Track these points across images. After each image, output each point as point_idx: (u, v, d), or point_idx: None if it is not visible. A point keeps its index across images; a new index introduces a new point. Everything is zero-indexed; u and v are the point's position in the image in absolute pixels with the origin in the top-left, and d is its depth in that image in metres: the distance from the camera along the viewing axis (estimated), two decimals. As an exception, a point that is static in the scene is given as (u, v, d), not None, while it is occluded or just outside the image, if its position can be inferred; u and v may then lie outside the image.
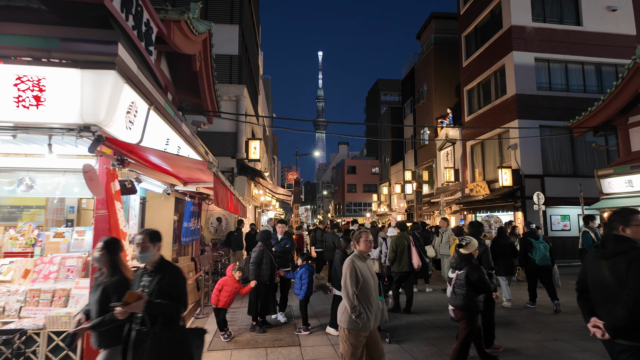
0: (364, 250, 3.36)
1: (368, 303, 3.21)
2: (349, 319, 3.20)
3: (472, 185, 16.56)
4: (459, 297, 4.02)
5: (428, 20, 23.62)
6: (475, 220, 5.48)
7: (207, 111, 8.60)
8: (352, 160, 53.64)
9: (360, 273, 3.22)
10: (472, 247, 4.08)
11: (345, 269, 3.25)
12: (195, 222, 7.27)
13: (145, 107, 3.66)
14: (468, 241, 4.09)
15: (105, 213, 3.29)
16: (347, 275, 3.20)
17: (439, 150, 20.74)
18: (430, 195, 21.65)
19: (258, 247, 5.56)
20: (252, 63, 16.72)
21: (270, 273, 5.54)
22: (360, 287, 3.19)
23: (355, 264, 3.25)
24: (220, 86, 12.62)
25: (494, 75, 16.15)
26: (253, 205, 17.78)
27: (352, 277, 3.19)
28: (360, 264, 3.28)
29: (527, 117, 14.20)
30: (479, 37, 17.45)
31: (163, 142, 4.39)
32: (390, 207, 29.26)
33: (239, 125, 12.59)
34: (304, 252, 8.60)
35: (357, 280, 3.19)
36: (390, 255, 7.00)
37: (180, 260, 6.86)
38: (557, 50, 14.87)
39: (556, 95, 14.70)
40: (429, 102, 22.44)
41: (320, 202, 76.43)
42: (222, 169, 12.41)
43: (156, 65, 7.08)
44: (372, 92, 63.63)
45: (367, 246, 3.35)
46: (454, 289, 4.10)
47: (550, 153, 14.55)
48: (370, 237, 3.42)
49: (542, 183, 14.05)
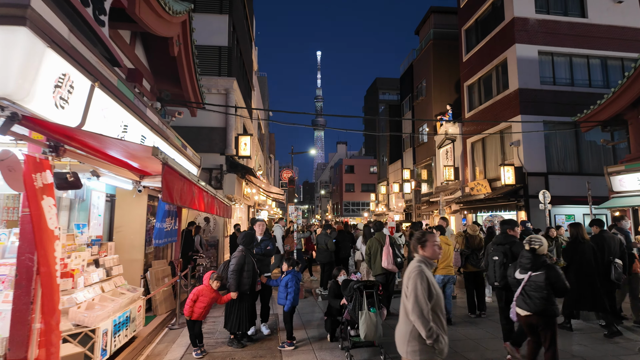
0: (430, 257, 2.72)
1: (441, 323, 2.56)
2: (422, 348, 2.49)
3: (473, 183, 15.95)
4: (536, 302, 3.54)
5: (427, 15, 23.00)
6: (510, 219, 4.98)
7: (189, 102, 7.96)
8: (350, 160, 53.02)
9: (432, 285, 2.59)
10: (545, 247, 3.75)
11: (415, 279, 2.55)
12: (173, 222, 6.62)
13: (86, 83, 3.02)
14: (540, 242, 3.72)
15: (27, 212, 2.65)
16: (417, 288, 2.51)
17: (439, 148, 20.13)
18: (429, 195, 21.03)
19: (239, 252, 4.91)
20: (245, 57, 16.08)
21: (252, 281, 4.90)
22: (433, 303, 2.54)
23: (425, 273, 2.58)
24: (209, 79, 12.00)
25: (495, 70, 15.55)
26: (246, 205, 17.14)
27: (424, 291, 2.50)
28: (430, 274, 2.65)
29: (530, 112, 13.60)
30: (480, 30, 16.84)
31: (119, 129, 3.76)
32: (389, 207, 28.65)
33: (228, 120, 11.95)
34: (290, 256, 7.95)
35: (429, 293, 2.53)
36: (365, 258, 6.85)
37: (154, 265, 6.22)
38: (562, 43, 14.27)
39: (560, 90, 14.09)
40: (428, 98, 21.83)
41: (319, 201, 75.79)
42: (211, 166, 11.78)
43: (129, 48, 6.44)
44: (370, 91, 63.09)
45: (435, 252, 2.73)
46: (526, 292, 3.63)
47: (555, 150, 13.94)
48: (439, 240, 2.83)
49: (546, 181, 13.45)
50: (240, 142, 12.09)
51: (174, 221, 6.71)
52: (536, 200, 13.30)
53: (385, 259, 6.47)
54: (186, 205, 3.32)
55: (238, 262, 4.78)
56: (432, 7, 22.44)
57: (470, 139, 17.09)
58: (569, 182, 13.42)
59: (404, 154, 26.53)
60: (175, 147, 5.68)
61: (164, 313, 5.98)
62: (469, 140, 17.21)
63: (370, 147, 59.43)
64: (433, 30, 21.94)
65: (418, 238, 2.79)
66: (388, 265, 6.46)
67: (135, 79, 6.38)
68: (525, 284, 3.66)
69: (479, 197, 15.10)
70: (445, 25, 22.23)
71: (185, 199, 3.22)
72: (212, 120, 11.97)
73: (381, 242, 6.70)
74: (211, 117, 11.96)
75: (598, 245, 5.67)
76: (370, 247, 6.90)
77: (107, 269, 4.51)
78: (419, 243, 2.77)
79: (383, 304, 4.51)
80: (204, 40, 12.37)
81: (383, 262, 6.50)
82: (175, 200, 2.89)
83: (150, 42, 7.03)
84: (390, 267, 6.45)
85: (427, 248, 2.72)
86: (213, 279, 4.57)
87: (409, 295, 2.53)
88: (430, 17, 22.67)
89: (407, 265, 2.75)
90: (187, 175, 3.38)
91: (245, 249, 4.93)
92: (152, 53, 7.32)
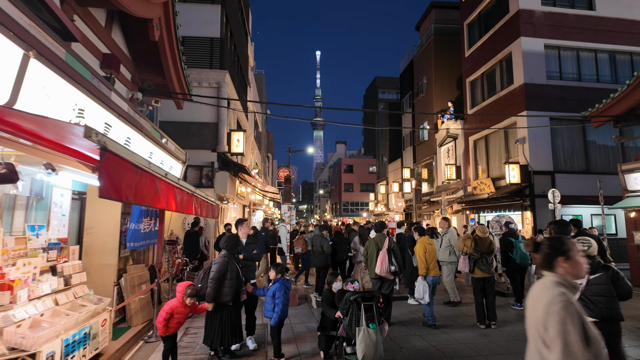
0: (575, 275, 1.79)
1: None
2: None
3: (476, 182, 15.38)
4: (600, 306, 3.18)
5: (428, 10, 22.44)
6: (561, 219, 4.54)
7: (174, 93, 7.36)
8: (349, 159, 52.43)
9: (587, 326, 1.63)
10: (595, 248, 3.43)
11: (562, 318, 1.60)
12: (152, 223, 6.04)
13: (16, 51, 2.43)
14: (589, 243, 3.40)
15: None
16: (568, 332, 1.57)
17: (440, 147, 19.56)
18: (430, 194, 20.46)
19: (221, 258, 4.31)
20: (239, 51, 15.49)
21: (235, 291, 4.30)
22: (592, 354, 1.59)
23: (575, 307, 1.64)
24: (199, 72, 11.42)
25: (499, 65, 14.98)
26: (240, 205, 16.55)
27: (579, 336, 1.58)
28: (579, 306, 1.67)
29: (536, 108, 13.03)
30: (483, 24, 16.27)
31: (72, 113, 3.16)
32: (388, 207, 28.07)
33: (220, 115, 11.35)
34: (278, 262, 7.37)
35: (586, 338, 1.59)
36: (363, 260, 6.50)
37: (130, 270, 5.62)
38: (568, 37, 13.70)
39: (567, 85, 13.53)
40: (429, 95, 21.26)
41: (317, 201, 75.18)
42: (201, 164, 11.19)
43: (104, 31, 5.85)
44: (369, 90, 62.56)
45: (582, 268, 1.80)
46: (587, 298, 3.23)
47: (562, 148, 13.38)
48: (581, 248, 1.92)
49: (552, 180, 12.88)
50: (233, 138, 11.50)
51: (153, 222, 6.12)
52: (542, 200, 12.74)
53: (380, 264, 5.96)
54: (145, 203, 2.72)
55: (219, 270, 4.18)
56: (433, 1, 21.89)
57: (472, 136, 16.52)
58: (577, 181, 12.86)
59: (404, 153, 25.96)
60: (152, 139, 5.08)
61: (139, 324, 5.38)
62: (471, 138, 16.64)
63: (370, 147, 58.91)
64: (434, 26, 21.38)
65: (555, 247, 1.83)
66: (381, 272, 5.95)
67: (111, 64, 5.79)
68: (584, 289, 3.25)
69: (482, 197, 14.53)
70: (446, 21, 21.69)
71: (142, 196, 2.63)
72: (203, 115, 11.38)
73: (379, 244, 6.17)
74: (202, 112, 11.38)
75: None
76: (367, 249, 6.43)
77: (65, 277, 3.91)
78: (558, 254, 1.81)
79: (384, 318, 3.92)
80: (195, 32, 11.80)
81: (377, 268, 6.00)
82: (124, 196, 2.30)
83: (129, 26, 6.44)
84: (384, 274, 5.93)
85: (571, 262, 1.78)
86: (187, 294, 3.96)
87: (553, 341, 1.59)
88: (431, 12, 22.10)
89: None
90: (147, 167, 2.78)
91: (229, 254, 4.33)
92: (132, 39, 6.73)
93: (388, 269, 5.92)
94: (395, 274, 5.95)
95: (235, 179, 12.78)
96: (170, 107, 11.31)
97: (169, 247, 9.90)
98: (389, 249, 6.06)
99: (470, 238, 6.00)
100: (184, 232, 10.98)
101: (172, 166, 6.28)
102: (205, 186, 11.04)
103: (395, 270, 5.90)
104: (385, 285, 6.12)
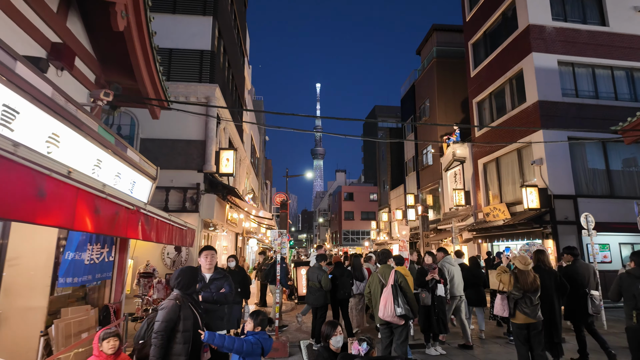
0: None
1: None
2: None
3: (488, 208, 14.14)
4: None
5: (429, 33, 22.04)
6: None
7: (147, 99, 6.29)
8: (350, 187, 51.30)
9: None
10: None
11: None
12: (104, 252, 4.77)
13: None
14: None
15: None
16: None
17: (446, 171, 18.46)
18: (436, 222, 19.14)
19: (171, 301, 3.03)
20: (234, 70, 14.71)
21: (193, 348, 2.99)
22: None
23: None
24: (187, 86, 10.48)
25: (509, 83, 14.14)
26: (232, 232, 15.21)
27: None
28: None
29: (552, 127, 12.02)
30: (489, 43, 15.61)
31: None
32: (391, 235, 26.61)
33: (208, 132, 10.29)
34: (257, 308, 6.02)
35: None
36: (365, 299, 5.53)
37: (66, 314, 4.29)
38: (582, 53, 12.93)
39: (584, 103, 12.60)
40: (432, 119, 20.41)
41: (317, 230, 73.36)
42: (186, 185, 10.02)
43: (56, 17, 4.84)
44: (369, 119, 62.45)
45: None
46: None
47: (582, 170, 12.26)
48: None
49: (575, 205, 11.66)
50: (222, 157, 10.38)
51: (106, 250, 4.86)
52: (565, 227, 11.49)
53: (383, 306, 4.71)
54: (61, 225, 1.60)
55: (167, 318, 2.90)
56: (434, 24, 21.52)
57: (482, 159, 15.45)
58: (601, 206, 11.64)
59: (406, 179, 24.86)
60: (98, 141, 3.92)
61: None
62: (480, 161, 15.57)
63: (370, 175, 57.94)
64: (436, 48, 20.88)
65: None
66: (385, 315, 4.69)
67: (62, 56, 4.75)
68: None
69: (497, 224, 13.25)
70: (448, 44, 21.25)
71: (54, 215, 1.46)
72: (190, 131, 10.33)
73: (383, 280, 4.92)
74: (188, 128, 10.34)
75: (569, 276, 5.59)
76: (370, 285, 5.20)
77: None
78: None
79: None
80: (184, 44, 10.98)
81: (380, 310, 4.74)
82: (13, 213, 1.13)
83: (90, 15, 5.46)
84: (389, 318, 4.66)
85: None
86: (101, 338, 2.68)
87: None
88: (433, 35, 21.69)
89: None
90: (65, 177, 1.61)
91: (182, 295, 3.06)
92: (96, 33, 5.74)
93: (393, 312, 4.63)
94: (404, 317, 4.64)
95: (225, 203, 11.55)
96: (154, 124, 10.29)
97: (144, 280, 8.55)
98: (395, 285, 4.79)
99: (507, 272, 4.72)
100: (163, 263, 9.66)
101: (134, 181, 5.10)
102: (190, 210, 9.81)
103: (404, 313, 4.60)
104: (396, 333, 4.79)
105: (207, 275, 3.61)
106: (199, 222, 9.83)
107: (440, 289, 6.11)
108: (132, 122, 10.16)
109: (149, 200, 5.87)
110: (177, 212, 9.77)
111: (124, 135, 10.10)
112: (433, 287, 6.11)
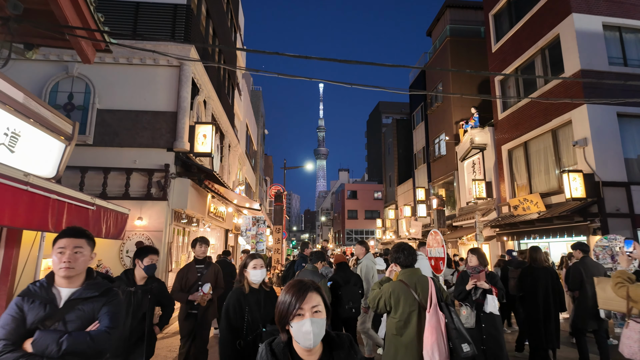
0: None
1: None
2: None
3: (516, 200, 12.11)
4: None
5: (441, 11, 20.05)
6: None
7: (67, 27, 4.32)
8: (353, 185, 49.26)
9: None
10: None
11: None
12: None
13: None
14: None
15: None
16: None
17: (462, 161, 16.42)
18: (451, 218, 17.10)
19: None
20: (220, 38, 12.76)
21: None
22: None
23: None
24: (156, 45, 8.53)
25: (540, 54, 12.10)
26: (220, 228, 13.25)
27: None
28: None
29: (598, 100, 10.00)
30: (514, 11, 13.60)
31: None
32: (398, 234, 24.58)
33: (180, 102, 8.35)
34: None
35: None
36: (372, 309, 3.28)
37: None
38: (632, 15, 10.90)
39: (635, 73, 10.56)
40: (446, 104, 18.39)
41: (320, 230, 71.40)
42: (151, 167, 8.08)
43: None
44: (373, 115, 60.44)
45: None
46: None
47: (635, 153, 10.23)
48: None
49: (628, 194, 9.64)
50: (198, 133, 8.43)
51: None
52: (618, 221, 9.47)
53: (430, 345, 2.65)
54: None
55: None
56: (447, 1, 19.53)
57: (506, 144, 13.43)
58: (659, 196, 9.61)
59: (415, 172, 22.84)
60: None
61: None
62: (504, 147, 13.54)
63: (374, 172, 55.87)
64: (449, 27, 18.87)
65: None
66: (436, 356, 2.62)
67: None
68: None
69: (528, 219, 11.22)
70: (462, 21, 19.25)
71: None
72: (158, 101, 8.40)
73: (420, 297, 2.91)
74: (157, 97, 8.42)
75: (578, 274, 5.02)
76: (382, 296, 3.09)
77: None
78: None
79: None
80: (154, -3, 9.06)
81: (426, 350, 2.66)
82: None
83: None
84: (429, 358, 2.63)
85: None
86: None
87: None
88: (446, 13, 19.69)
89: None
90: None
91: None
92: None
93: (447, 354, 2.62)
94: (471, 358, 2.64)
95: (206, 192, 9.60)
96: (114, 92, 8.38)
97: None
98: (445, 306, 2.80)
99: (632, 279, 2.72)
100: (121, 263, 7.72)
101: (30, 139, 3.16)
102: (156, 198, 7.87)
103: (473, 353, 2.60)
104: None
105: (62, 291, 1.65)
106: (167, 213, 7.88)
107: (491, 302, 4.11)
108: (86, 90, 8.23)
109: (60, 170, 3.92)
110: (141, 200, 7.84)
111: (76, 105, 8.18)
112: (478, 300, 4.13)
